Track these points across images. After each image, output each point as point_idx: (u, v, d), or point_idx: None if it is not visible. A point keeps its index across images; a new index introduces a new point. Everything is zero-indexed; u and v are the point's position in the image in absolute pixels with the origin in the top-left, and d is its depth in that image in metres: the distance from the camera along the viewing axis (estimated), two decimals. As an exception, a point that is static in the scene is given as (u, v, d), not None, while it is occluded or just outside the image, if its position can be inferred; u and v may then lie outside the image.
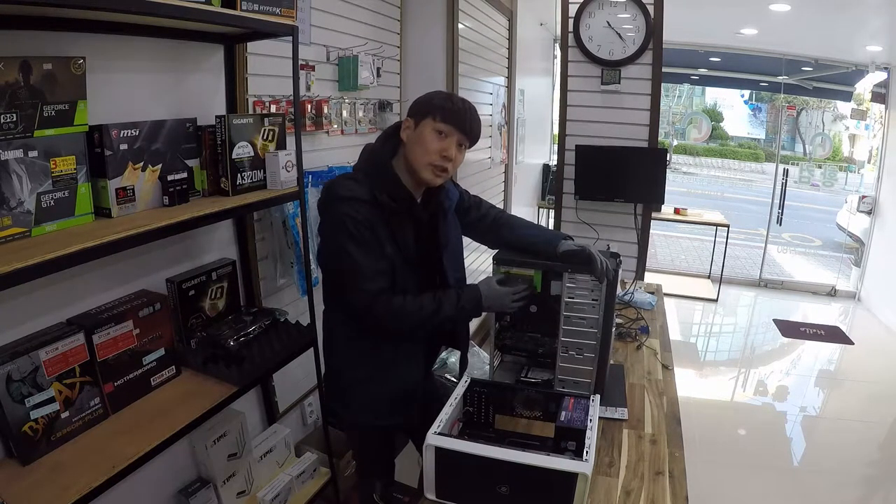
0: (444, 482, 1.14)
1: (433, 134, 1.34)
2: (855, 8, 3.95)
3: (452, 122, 1.34)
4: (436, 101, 1.36)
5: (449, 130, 1.34)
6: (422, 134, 1.34)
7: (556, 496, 1.06)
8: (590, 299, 1.38)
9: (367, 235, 1.29)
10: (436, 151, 1.34)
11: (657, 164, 3.19)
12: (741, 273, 6.21)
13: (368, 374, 1.45)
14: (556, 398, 1.34)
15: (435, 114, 1.34)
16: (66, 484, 1.08)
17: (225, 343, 1.54)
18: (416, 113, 1.37)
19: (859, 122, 6.79)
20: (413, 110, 1.39)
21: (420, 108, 1.37)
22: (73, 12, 1.15)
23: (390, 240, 1.34)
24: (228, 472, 1.71)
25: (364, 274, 1.30)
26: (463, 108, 1.36)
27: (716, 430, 3.07)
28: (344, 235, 1.29)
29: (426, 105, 1.37)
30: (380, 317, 1.33)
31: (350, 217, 1.28)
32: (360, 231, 1.29)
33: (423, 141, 1.34)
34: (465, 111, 1.36)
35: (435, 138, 1.34)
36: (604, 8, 3.07)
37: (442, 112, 1.34)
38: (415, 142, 1.35)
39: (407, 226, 1.37)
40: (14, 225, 1.07)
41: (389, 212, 1.33)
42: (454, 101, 1.37)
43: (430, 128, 1.34)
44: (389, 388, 1.45)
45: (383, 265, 1.32)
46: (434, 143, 1.34)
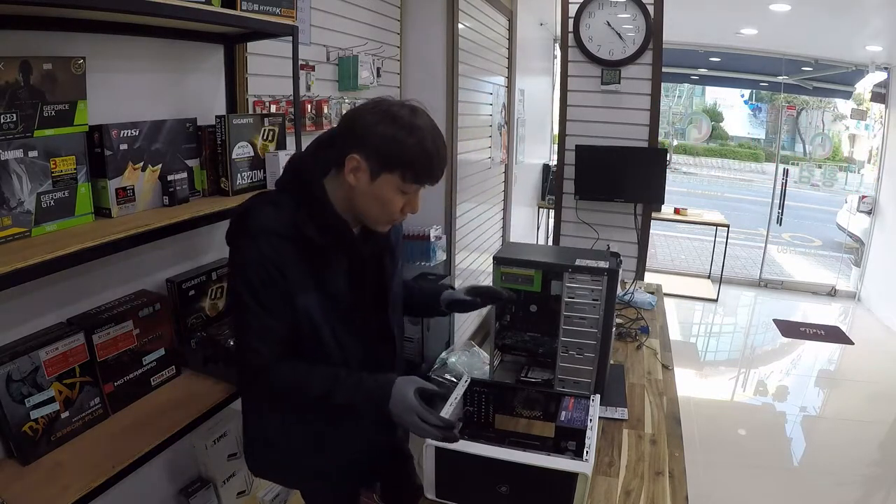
0: (444, 482, 1.14)
1: (397, 193, 1.06)
2: (855, 8, 3.95)
3: (428, 180, 1.08)
4: (407, 156, 1.03)
5: (418, 188, 1.09)
6: (381, 191, 1.06)
7: (557, 496, 1.06)
8: (590, 299, 1.38)
9: (271, 285, 1.03)
10: (398, 211, 1.09)
11: (657, 164, 3.19)
12: (741, 273, 6.21)
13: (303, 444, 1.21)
14: (556, 398, 1.34)
15: (405, 172, 1.04)
16: (66, 484, 1.08)
17: (225, 343, 1.54)
18: (373, 155, 1.03)
19: (859, 122, 6.79)
20: (366, 147, 1.03)
21: (381, 154, 1.03)
22: (73, 12, 1.15)
23: (314, 284, 1.07)
24: (228, 472, 1.71)
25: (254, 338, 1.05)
26: (437, 154, 1.05)
27: (716, 430, 3.07)
28: (242, 280, 1.04)
29: (393, 156, 1.03)
30: (262, 391, 1.13)
31: (253, 260, 1.02)
32: (265, 277, 1.03)
33: (382, 199, 1.07)
34: (440, 158, 1.07)
35: (399, 198, 1.07)
36: (604, 8, 3.07)
37: (414, 171, 1.04)
38: (369, 195, 1.06)
39: (339, 265, 1.11)
40: (14, 225, 1.06)
41: (316, 248, 1.06)
42: (428, 152, 1.04)
43: (394, 186, 1.05)
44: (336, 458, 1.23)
45: (283, 327, 1.06)
46: (397, 203, 1.08)
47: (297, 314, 1.07)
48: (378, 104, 1.06)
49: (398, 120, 1.03)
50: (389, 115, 1.04)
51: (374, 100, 1.08)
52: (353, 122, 1.06)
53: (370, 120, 1.04)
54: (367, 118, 1.04)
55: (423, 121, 1.06)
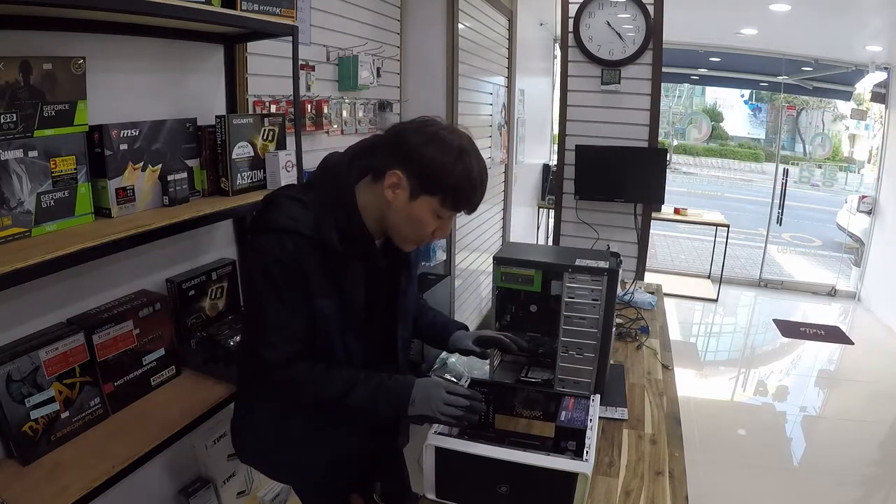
0: (444, 482, 1.13)
1: (432, 216, 1.06)
2: (855, 8, 3.95)
3: (465, 209, 1.08)
4: (450, 181, 1.02)
5: (453, 215, 1.09)
6: (418, 212, 1.05)
7: (557, 496, 1.06)
8: (590, 299, 1.38)
9: (293, 284, 1.03)
10: (429, 234, 1.10)
11: (657, 164, 3.19)
12: (741, 273, 6.21)
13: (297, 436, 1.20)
14: (556, 398, 1.34)
15: (446, 197, 1.04)
16: (66, 484, 1.08)
17: (225, 343, 1.54)
18: (416, 175, 1.03)
19: (859, 122, 6.79)
20: (410, 165, 1.02)
21: (426, 176, 1.02)
22: (73, 12, 1.15)
23: (332, 289, 1.06)
24: (228, 472, 1.71)
25: (271, 333, 1.04)
26: (481, 185, 1.06)
27: (716, 430, 3.07)
28: (263, 277, 1.03)
29: (437, 179, 1.02)
30: (277, 387, 1.10)
31: (276, 257, 1.01)
32: (286, 277, 1.02)
33: (417, 221, 1.06)
34: (482, 189, 1.07)
35: (433, 221, 1.07)
36: (604, 8, 3.07)
37: (455, 199, 1.05)
38: (403, 214, 1.06)
39: (358, 273, 1.09)
40: (14, 225, 1.07)
41: (336, 254, 1.04)
42: (472, 181, 1.04)
43: (431, 209, 1.05)
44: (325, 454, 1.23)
45: (300, 326, 1.05)
46: (430, 226, 1.08)
47: (314, 316, 1.06)
48: (427, 124, 1.05)
49: (446, 145, 1.02)
50: (438, 139, 1.03)
51: (423, 119, 1.07)
52: (399, 138, 1.05)
53: (417, 140, 1.03)
54: (414, 138, 1.03)
55: (471, 149, 1.05)
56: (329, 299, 1.06)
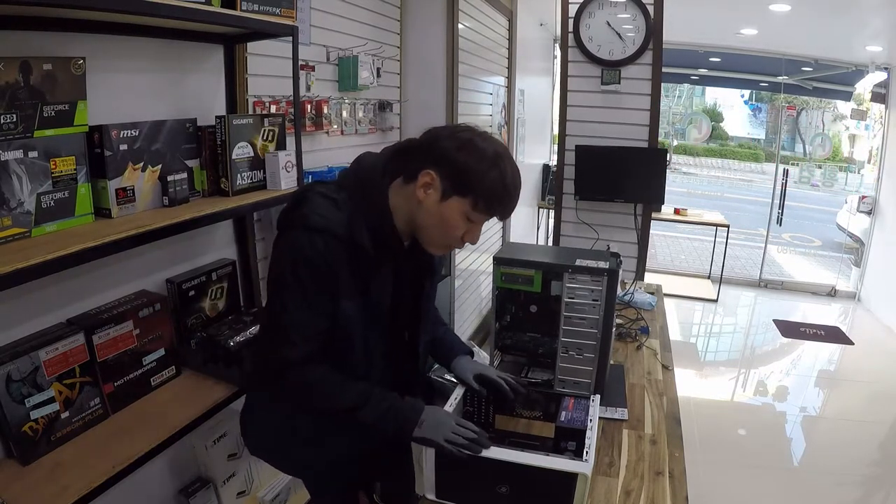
0: (444, 482, 1.13)
1: (462, 218, 1.04)
2: (855, 8, 3.95)
3: (497, 213, 1.06)
4: (486, 183, 1.01)
5: (485, 219, 1.07)
6: (449, 213, 1.04)
7: (556, 496, 1.06)
8: (590, 299, 1.38)
9: (320, 283, 1.02)
10: (458, 238, 1.07)
11: (657, 164, 3.19)
12: (741, 273, 6.21)
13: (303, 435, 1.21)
14: (557, 398, 1.34)
15: (478, 199, 1.02)
16: (66, 484, 1.08)
17: (225, 343, 1.54)
18: (450, 176, 1.02)
19: (859, 122, 6.79)
20: (445, 166, 1.02)
21: (459, 176, 1.01)
22: (73, 12, 1.15)
23: (359, 290, 1.06)
24: (228, 472, 1.71)
25: (292, 330, 1.03)
26: (515, 190, 1.05)
27: (716, 430, 3.07)
28: (291, 275, 1.02)
29: (471, 181, 1.01)
30: (289, 388, 1.09)
31: (306, 255, 1.00)
32: (314, 275, 1.01)
33: (447, 223, 1.04)
34: (516, 195, 1.06)
35: (463, 223, 1.05)
36: (604, 8, 3.07)
37: (487, 201, 1.03)
38: (434, 215, 1.04)
39: (386, 274, 1.10)
40: (14, 225, 1.07)
41: (366, 255, 1.04)
42: (506, 186, 1.03)
43: (461, 211, 1.03)
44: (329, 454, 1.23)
45: (321, 326, 1.05)
46: (460, 230, 1.06)
47: (337, 317, 1.05)
48: (459, 129, 1.06)
49: (481, 150, 1.02)
50: (472, 144, 1.03)
51: (456, 125, 1.09)
52: (433, 141, 1.05)
53: (451, 144, 1.03)
54: (448, 142, 1.03)
55: (506, 155, 1.05)
56: (354, 301, 1.06)
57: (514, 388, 1.30)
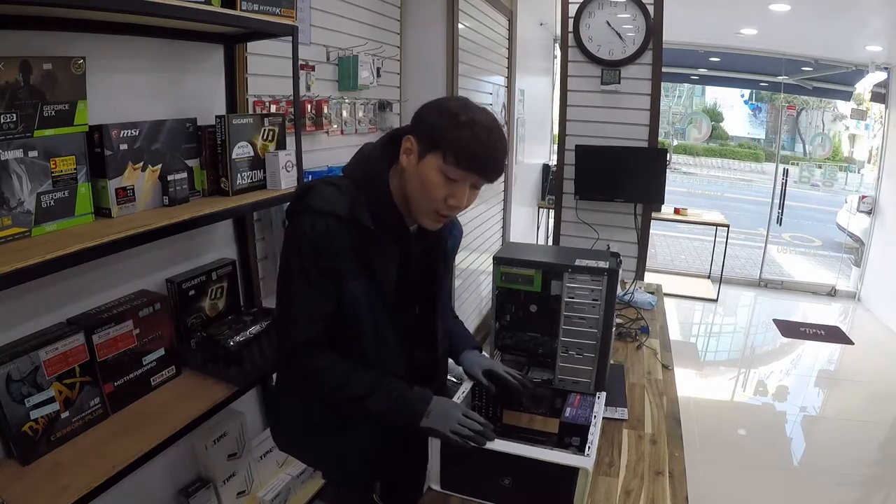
0: (449, 474, 1.15)
1: (439, 177, 1.02)
2: (855, 8, 3.95)
3: (470, 167, 1.01)
4: (451, 134, 0.99)
5: (464, 177, 1.02)
6: (425, 172, 1.02)
7: (558, 490, 1.06)
8: (590, 299, 1.38)
9: (322, 264, 1.03)
10: (441, 198, 1.03)
11: (657, 164, 3.19)
12: (741, 273, 6.21)
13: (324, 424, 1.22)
14: (563, 394, 1.36)
15: (447, 151, 1.00)
16: (66, 484, 1.08)
17: (225, 343, 1.54)
18: (423, 136, 1.03)
19: (859, 122, 6.79)
20: (420, 129, 1.04)
21: (429, 134, 1.02)
22: (73, 12, 1.15)
23: (362, 272, 1.06)
24: (228, 472, 1.71)
25: (298, 312, 1.06)
26: (488, 145, 1.01)
27: (716, 430, 3.07)
28: (294, 255, 1.05)
29: (438, 133, 1.01)
30: (298, 372, 1.13)
31: (307, 236, 1.02)
32: (316, 257, 1.03)
33: (426, 183, 1.03)
34: (490, 151, 1.02)
35: (441, 183, 1.02)
36: (604, 8, 3.07)
37: (456, 153, 0.99)
38: (416, 177, 1.04)
39: (389, 256, 1.09)
40: (14, 225, 1.07)
41: (369, 236, 1.04)
42: (478, 136, 0.99)
43: (436, 168, 1.01)
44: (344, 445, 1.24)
45: (327, 308, 1.06)
46: (440, 190, 1.02)
47: (343, 299, 1.07)
48: (442, 99, 1.09)
49: (449, 107, 1.04)
50: (443, 103, 1.06)
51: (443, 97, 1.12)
52: (417, 113, 1.08)
53: (429, 107, 1.07)
54: (427, 107, 1.07)
55: (482, 116, 1.04)
56: (359, 281, 1.07)
57: (522, 384, 1.32)
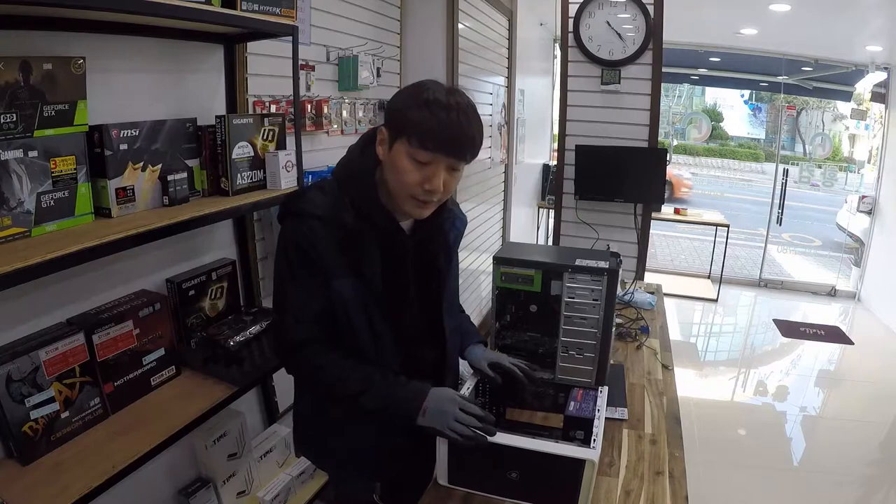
0: (456, 469, 1.15)
1: (409, 162, 1.00)
2: (855, 8, 3.95)
3: (435, 148, 0.98)
4: (412, 114, 0.98)
5: (432, 158, 1.00)
6: (396, 159, 1.02)
7: (565, 482, 1.07)
8: (590, 299, 1.38)
9: (308, 265, 1.05)
10: (416, 184, 1.02)
11: (657, 164, 3.19)
12: (741, 273, 6.21)
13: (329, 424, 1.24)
14: (566, 389, 1.37)
15: (411, 135, 0.98)
16: (66, 484, 1.08)
17: (225, 343, 1.54)
18: (390, 124, 1.04)
19: (859, 122, 6.78)
20: (388, 118, 1.06)
21: (395, 121, 1.02)
22: (73, 12, 1.15)
23: (349, 270, 1.06)
24: (228, 472, 1.71)
25: (291, 313, 1.09)
26: (450, 121, 0.98)
27: (716, 430, 3.07)
28: (282, 260, 1.08)
29: (402, 118, 1.00)
30: (297, 369, 1.16)
31: (292, 239, 1.06)
32: (301, 258, 1.05)
33: (398, 170, 1.02)
34: (454, 129, 0.98)
35: (412, 168, 1.00)
36: (604, 8, 3.07)
37: (420, 135, 0.98)
38: (388, 167, 1.05)
39: (375, 252, 1.07)
40: (14, 225, 1.07)
41: (352, 234, 1.05)
42: (437, 115, 0.97)
43: (405, 153, 1.00)
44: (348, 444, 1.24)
45: (318, 307, 1.07)
46: (412, 175, 1.01)
47: (332, 298, 1.08)
48: (409, 85, 1.08)
49: (417, 92, 1.02)
50: (411, 89, 1.05)
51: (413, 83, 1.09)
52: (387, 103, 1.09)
53: (395, 94, 1.08)
54: (394, 96, 1.08)
55: (444, 96, 1.00)
56: (345, 280, 1.07)
57: (527, 375, 1.31)
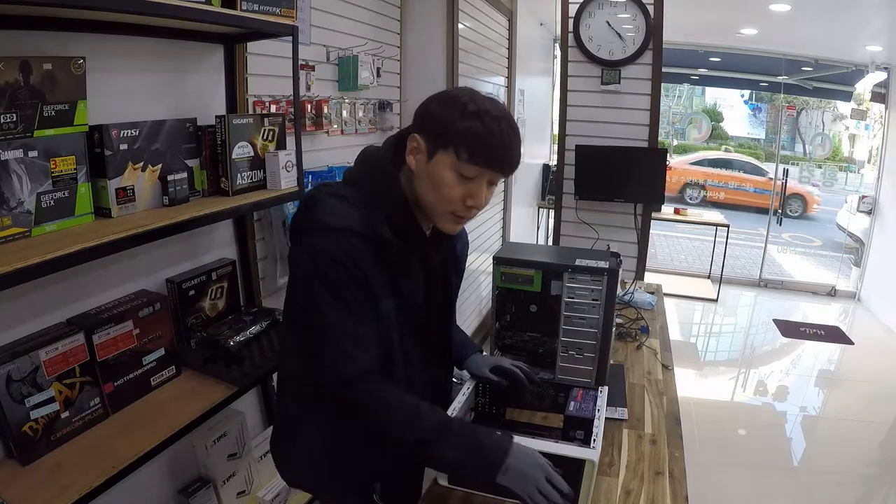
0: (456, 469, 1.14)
1: (453, 175, 0.94)
2: (855, 8, 3.95)
3: (486, 163, 0.94)
4: (461, 125, 0.92)
5: (479, 173, 0.95)
6: (437, 171, 0.95)
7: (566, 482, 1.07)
8: (590, 299, 1.38)
9: (353, 285, 0.93)
10: (458, 198, 0.96)
11: (657, 164, 3.19)
12: (741, 273, 6.21)
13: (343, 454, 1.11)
14: (566, 389, 1.37)
15: (459, 147, 0.92)
16: (66, 484, 1.08)
17: (225, 343, 1.54)
18: (429, 133, 0.96)
19: (859, 122, 6.78)
20: (425, 125, 0.97)
21: (437, 130, 0.94)
22: (73, 12, 1.14)
23: (392, 289, 0.98)
24: (228, 472, 1.71)
25: (342, 342, 0.93)
26: (501, 134, 0.93)
27: (716, 430, 3.07)
28: (320, 282, 0.93)
29: (446, 128, 0.93)
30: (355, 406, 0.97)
31: (331, 257, 0.92)
32: (345, 278, 0.92)
33: (439, 183, 0.95)
34: (505, 143, 0.94)
35: (456, 182, 0.95)
36: (604, 8, 3.07)
37: (469, 148, 0.92)
38: (426, 178, 0.97)
39: (417, 271, 1.02)
40: (14, 225, 1.06)
41: (391, 250, 0.96)
42: (489, 129, 0.92)
43: (449, 166, 0.94)
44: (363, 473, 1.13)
45: (371, 330, 0.96)
46: (455, 189, 0.95)
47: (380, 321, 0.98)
48: (446, 91, 1.01)
49: (457, 98, 0.95)
50: (447, 94, 0.98)
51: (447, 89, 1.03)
52: (419, 107, 1.00)
53: (431, 101, 0.99)
54: (429, 103, 0.99)
55: (492, 106, 0.95)
56: (390, 300, 0.99)
57: (528, 376, 1.32)
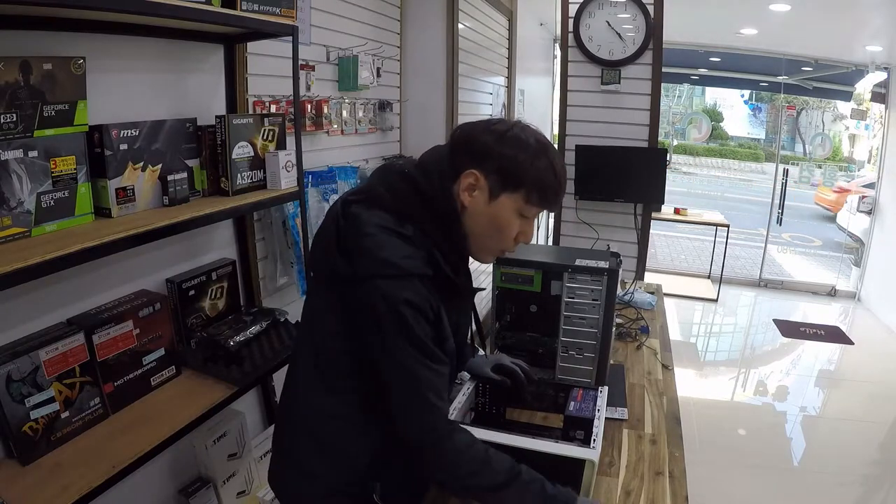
0: None
1: (516, 216, 0.96)
2: (855, 8, 3.96)
3: (550, 203, 0.97)
4: (536, 173, 0.93)
5: (537, 213, 0.99)
6: (500, 212, 0.95)
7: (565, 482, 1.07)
8: (590, 299, 1.38)
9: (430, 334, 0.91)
10: (511, 238, 0.98)
11: (657, 164, 3.19)
12: (741, 273, 6.21)
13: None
14: (566, 389, 1.37)
15: (531, 192, 0.94)
16: (66, 484, 1.08)
17: (225, 343, 1.54)
18: (497, 175, 0.93)
19: (859, 122, 6.79)
20: (487, 164, 0.93)
21: (508, 173, 0.93)
22: (73, 12, 1.15)
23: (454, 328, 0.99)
24: (228, 472, 1.71)
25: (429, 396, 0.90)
26: (565, 181, 0.98)
27: (716, 430, 3.07)
28: (404, 337, 0.88)
29: (520, 173, 0.93)
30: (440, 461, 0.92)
31: (412, 306, 0.87)
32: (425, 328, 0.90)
33: (501, 224, 0.95)
34: (565, 185, 0.99)
35: (516, 222, 0.97)
36: (604, 8, 3.07)
37: (542, 193, 0.95)
38: (484, 218, 0.95)
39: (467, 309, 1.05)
40: (14, 225, 1.07)
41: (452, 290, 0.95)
42: (557, 173, 0.96)
43: (514, 208, 0.95)
44: None
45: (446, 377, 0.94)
46: (513, 229, 0.97)
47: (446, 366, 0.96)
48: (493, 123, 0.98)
49: (523, 140, 0.94)
50: (513, 135, 0.95)
51: (492, 119, 1.00)
52: (469, 140, 0.96)
53: (491, 138, 0.94)
54: (487, 136, 0.95)
55: (549, 143, 0.97)
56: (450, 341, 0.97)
57: (527, 375, 1.32)
